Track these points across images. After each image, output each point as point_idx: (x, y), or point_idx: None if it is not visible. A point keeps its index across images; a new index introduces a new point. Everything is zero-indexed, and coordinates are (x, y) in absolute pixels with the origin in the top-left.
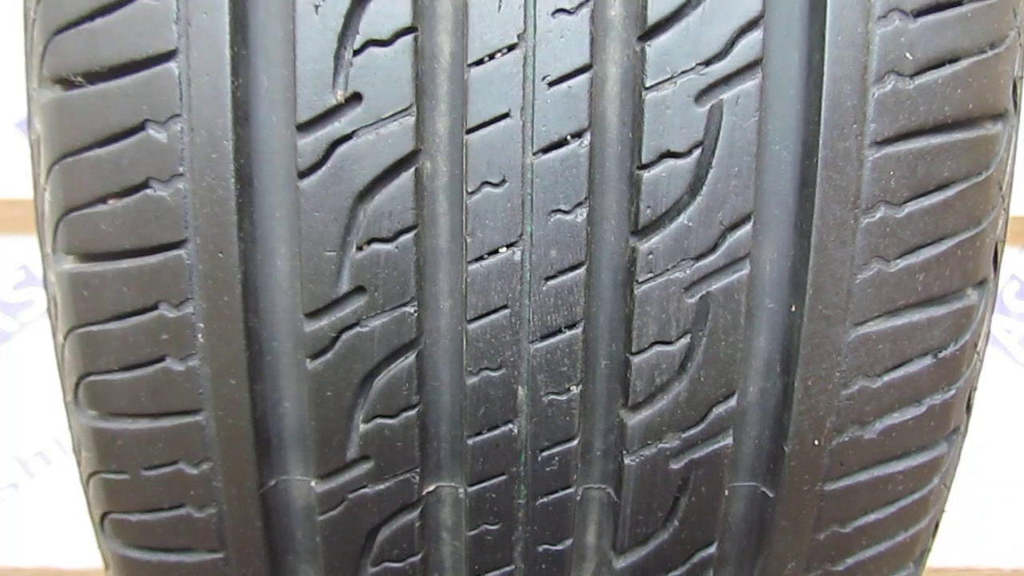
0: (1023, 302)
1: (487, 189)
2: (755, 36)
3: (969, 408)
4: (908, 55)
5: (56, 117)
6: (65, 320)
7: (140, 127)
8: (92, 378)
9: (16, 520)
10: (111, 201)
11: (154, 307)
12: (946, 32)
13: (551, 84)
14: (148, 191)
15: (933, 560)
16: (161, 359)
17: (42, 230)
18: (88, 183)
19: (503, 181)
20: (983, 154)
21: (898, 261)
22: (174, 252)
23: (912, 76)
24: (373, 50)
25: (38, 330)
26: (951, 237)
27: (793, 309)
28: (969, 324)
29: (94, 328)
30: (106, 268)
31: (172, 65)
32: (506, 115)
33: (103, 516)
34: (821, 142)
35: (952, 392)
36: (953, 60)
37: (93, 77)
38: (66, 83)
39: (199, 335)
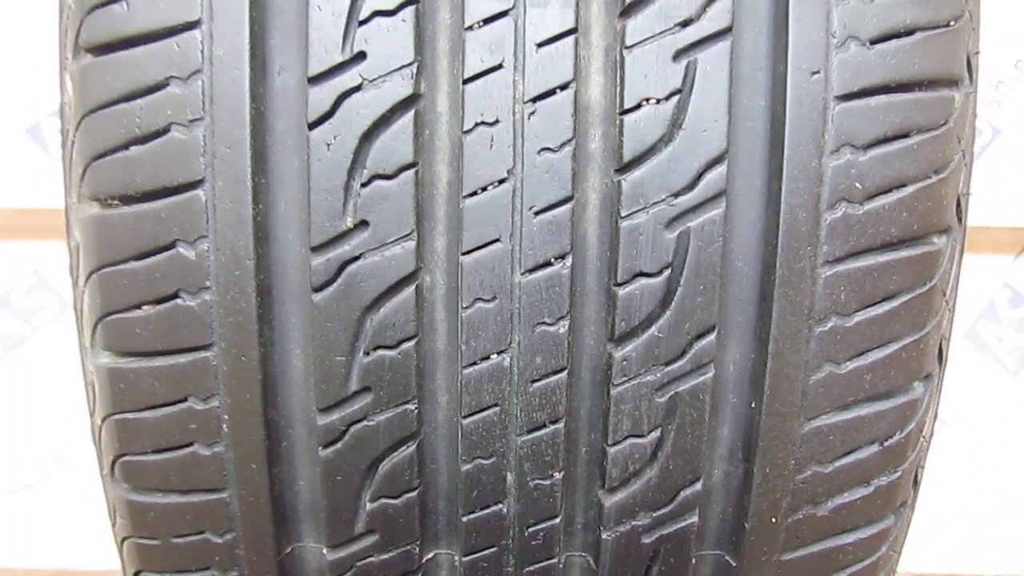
0: (1015, 311)
1: (479, 304)
2: (720, 170)
3: (916, 483)
4: (858, 184)
5: (94, 232)
6: (102, 407)
7: (171, 245)
8: (127, 458)
9: (33, 521)
10: (145, 307)
11: (183, 400)
12: (893, 163)
13: (537, 213)
14: (179, 300)
15: (917, 566)
16: (189, 444)
17: (81, 325)
18: (124, 291)
19: (494, 297)
20: (928, 267)
21: (848, 363)
22: (202, 354)
23: (862, 202)
24: (379, 183)
25: (51, 334)
26: (897, 341)
27: (753, 405)
28: (914, 414)
29: (129, 416)
30: (140, 365)
31: (199, 192)
32: (496, 240)
33: (136, 574)
34: (778, 262)
35: (898, 474)
36: (900, 186)
37: (128, 200)
38: (103, 203)
39: (224, 425)
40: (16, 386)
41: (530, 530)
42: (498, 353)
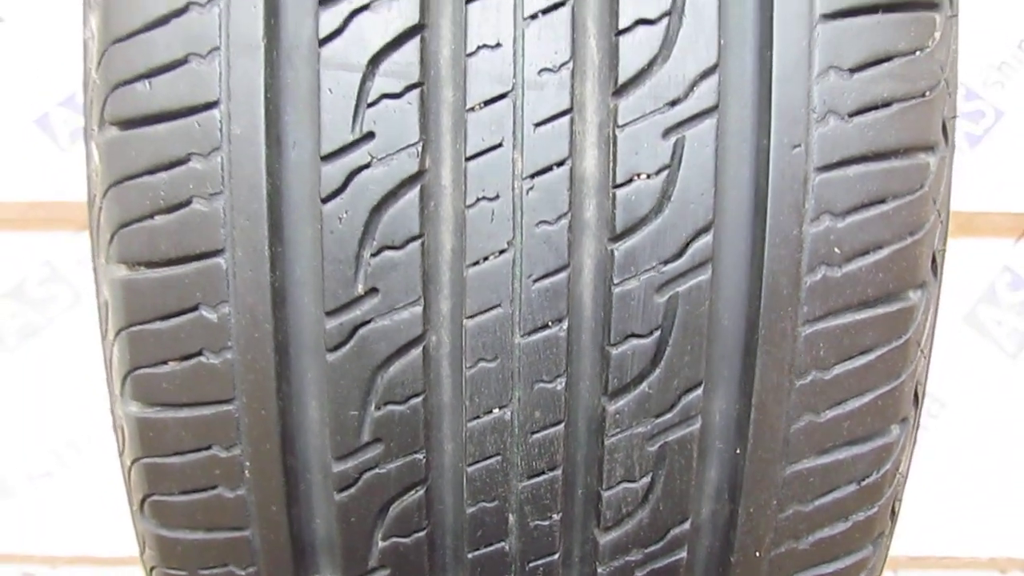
0: (1015, 294)
1: (482, 364)
2: (707, 239)
3: (894, 514)
4: (837, 249)
5: (122, 293)
6: (131, 451)
7: (195, 308)
8: (155, 498)
9: (52, 509)
10: (171, 363)
11: (208, 448)
12: (871, 228)
13: (535, 281)
14: (202, 358)
15: (913, 549)
16: (214, 487)
17: (110, 375)
18: (151, 349)
19: (495, 358)
20: (903, 321)
21: (827, 412)
22: (224, 407)
23: (840, 265)
24: (388, 253)
25: (65, 324)
26: (873, 390)
27: (738, 451)
28: (890, 455)
29: (157, 460)
30: (167, 415)
31: (220, 260)
32: (497, 306)
33: None
34: (761, 322)
35: (875, 509)
36: (877, 249)
37: (154, 265)
38: (130, 266)
39: (246, 471)
40: (32, 375)
41: (531, 566)
42: (500, 408)
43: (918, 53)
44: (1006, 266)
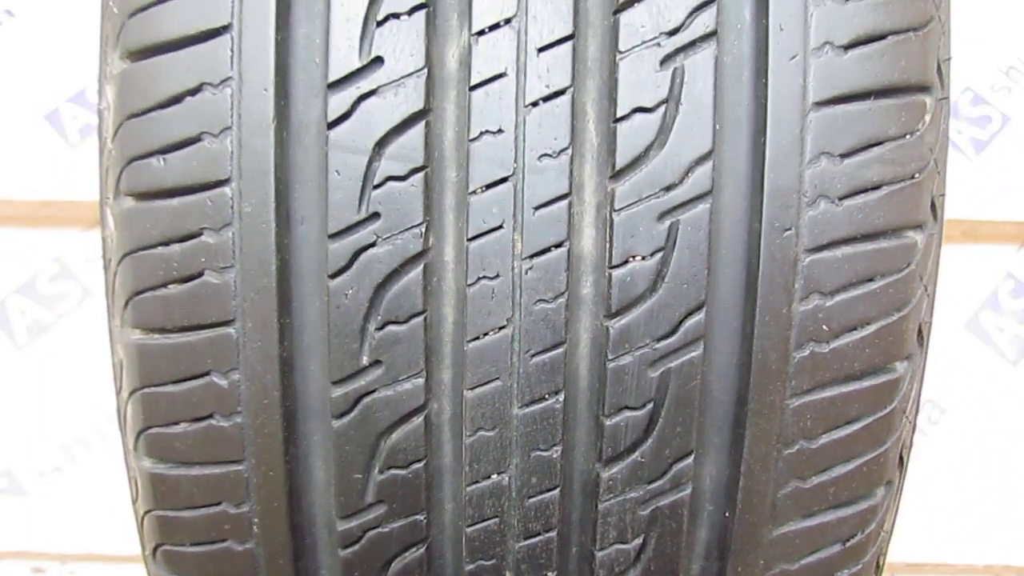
0: (1017, 301)
1: (481, 433)
2: (699, 318)
3: (879, 567)
4: (825, 327)
5: (136, 357)
6: (144, 503)
7: (205, 374)
8: (166, 547)
9: (62, 506)
10: (183, 424)
11: (218, 504)
12: (858, 306)
13: (533, 356)
14: (212, 421)
15: (909, 555)
16: (223, 541)
17: (124, 430)
18: (163, 410)
19: (494, 427)
20: (889, 391)
21: (813, 479)
22: (234, 467)
23: (828, 342)
24: (392, 328)
25: (74, 321)
26: (859, 457)
27: (727, 514)
28: (875, 517)
29: (169, 513)
30: (179, 472)
31: (231, 330)
32: (496, 379)
33: None
34: (751, 396)
35: (859, 567)
36: (864, 325)
37: (166, 332)
38: (144, 332)
39: (254, 527)
40: (42, 372)
41: None
42: (498, 473)
43: (908, 137)
44: (1009, 273)
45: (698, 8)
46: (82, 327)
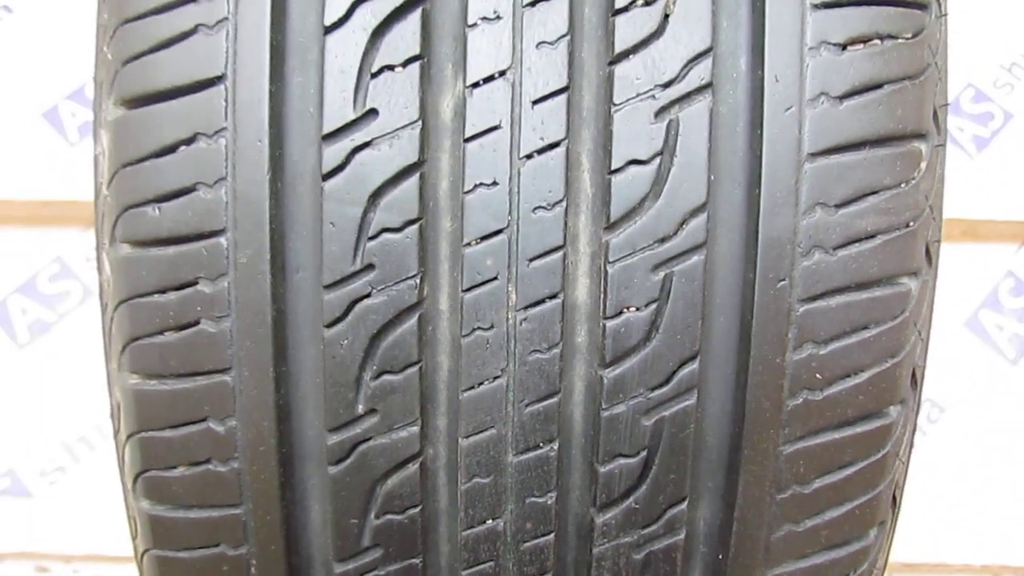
0: (1017, 300)
1: (476, 480)
2: (693, 367)
3: None
4: (818, 375)
5: (133, 401)
6: (143, 543)
7: (203, 420)
8: None
9: (65, 506)
10: (180, 469)
11: (216, 546)
12: (852, 354)
13: (527, 405)
14: (209, 466)
15: (906, 555)
16: None
17: (123, 472)
18: (161, 455)
19: (489, 475)
20: (882, 436)
21: (806, 522)
22: (232, 510)
23: (822, 389)
24: (387, 377)
25: (76, 320)
26: (852, 500)
27: (720, 557)
28: (867, 557)
29: (168, 554)
30: (177, 515)
31: (227, 378)
32: (491, 427)
33: None
34: (744, 443)
35: None
36: (858, 372)
37: (163, 378)
38: (141, 377)
39: (252, 568)
40: (43, 371)
41: None
42: (493, 519)
43: (903, 185)
44: (1009, 271)
45: (693, 60)
46: (83, 326)
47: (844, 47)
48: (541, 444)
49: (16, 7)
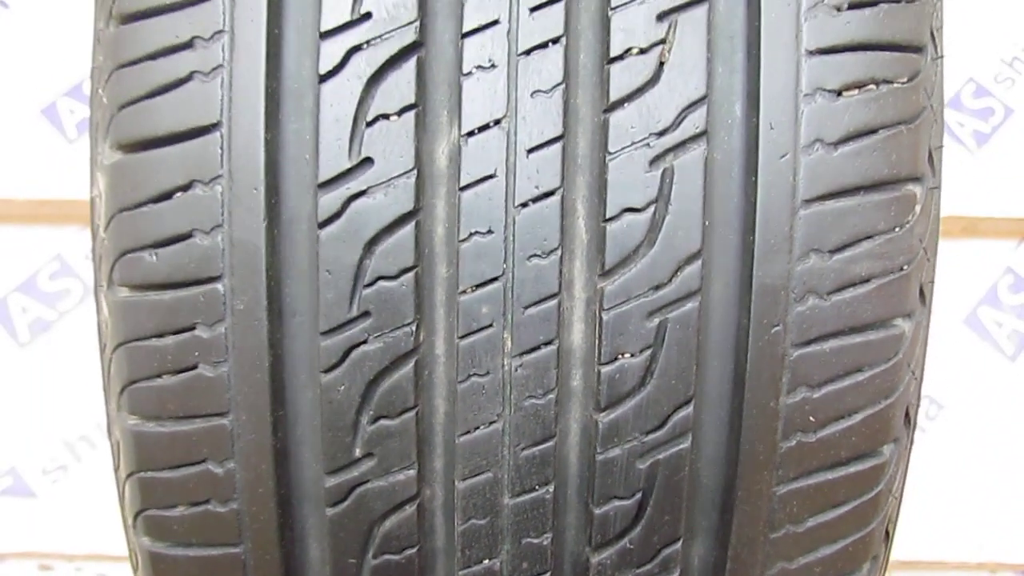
0: (1016, 296)
1: (473, 521)
2: (687, 412)
3: None
4: (812, 418)
5: (132, 443)
6: (143, 575)
7: (202, 461)
8: None
9: (68, 505)
10: (180, 508)
11: None
12: (845, 397)
13: (523, 449)
14: (209, 506)
15: (903, 553)
16: None
17: (123, 509)
18: (160, 495)
19: (485, 517)
20: (875, 476)
21: (799, 559)
22: (231, 549)
23: (815, 431)
24: (383, 422)
25: (76, 318)
26: (845, 538)
27: None
28: None
29: None
30: (177, 553)
31: (225, 422)
32: (487, 471)
33: None
34: (738, 484)
35: None
36: (851, 414)
37: (162, 420)
38: (140, 419)
39: None
40: (44, 369)
41: None
42: (489, 559)
43: (898, 229)
44: (1009, 267)
45: (688, 108)
46: (84, 324)
47: (839, 93)
48: (537, 487)
49: (13, 3)
